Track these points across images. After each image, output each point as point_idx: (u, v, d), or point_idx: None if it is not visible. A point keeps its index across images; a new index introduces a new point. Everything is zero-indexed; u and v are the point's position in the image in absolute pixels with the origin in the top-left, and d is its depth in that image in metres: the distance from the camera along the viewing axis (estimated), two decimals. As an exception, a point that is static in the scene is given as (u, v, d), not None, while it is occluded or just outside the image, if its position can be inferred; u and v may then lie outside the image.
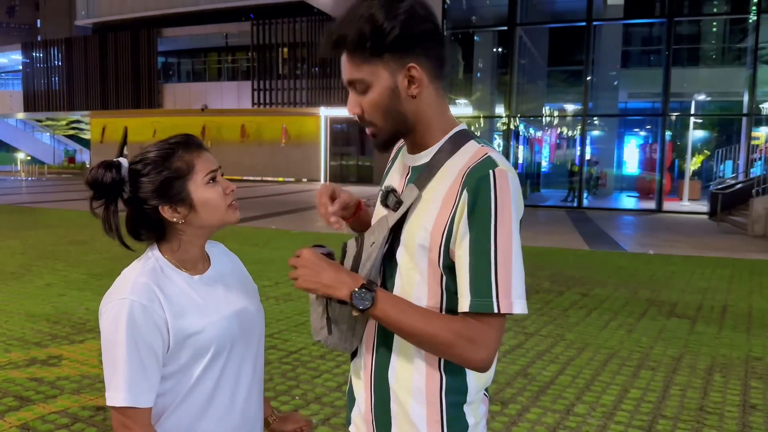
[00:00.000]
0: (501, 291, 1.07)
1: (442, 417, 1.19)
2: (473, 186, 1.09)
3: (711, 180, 20.17)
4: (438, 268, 1.15)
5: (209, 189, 1.26)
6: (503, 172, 1.10)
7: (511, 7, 18.17)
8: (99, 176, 1.22)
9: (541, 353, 4.59)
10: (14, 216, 13.39)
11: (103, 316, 1.19)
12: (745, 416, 3.55)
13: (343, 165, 29.75)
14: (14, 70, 38.85)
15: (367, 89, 1.16)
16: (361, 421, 1.31)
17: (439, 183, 1.16)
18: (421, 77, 1.15)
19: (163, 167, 1.23)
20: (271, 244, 9.60)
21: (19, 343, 4.56)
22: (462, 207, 1.10)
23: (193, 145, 1.27)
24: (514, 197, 1.10)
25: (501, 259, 1.08)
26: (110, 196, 1.23)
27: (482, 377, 1.24)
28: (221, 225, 1.29)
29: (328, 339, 1.26)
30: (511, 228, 1.09)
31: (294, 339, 4.79)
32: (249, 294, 1.39)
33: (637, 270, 8.06)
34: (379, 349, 1.25)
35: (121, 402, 1.15)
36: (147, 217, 1.25)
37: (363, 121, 1.20)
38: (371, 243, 1.22)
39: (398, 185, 1.26)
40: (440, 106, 1.21)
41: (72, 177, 32.00)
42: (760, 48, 16.65)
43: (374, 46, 1.11)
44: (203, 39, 31.04)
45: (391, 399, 1.23)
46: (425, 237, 1.15)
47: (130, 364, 1.15)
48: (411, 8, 1.12)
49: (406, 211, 1.18)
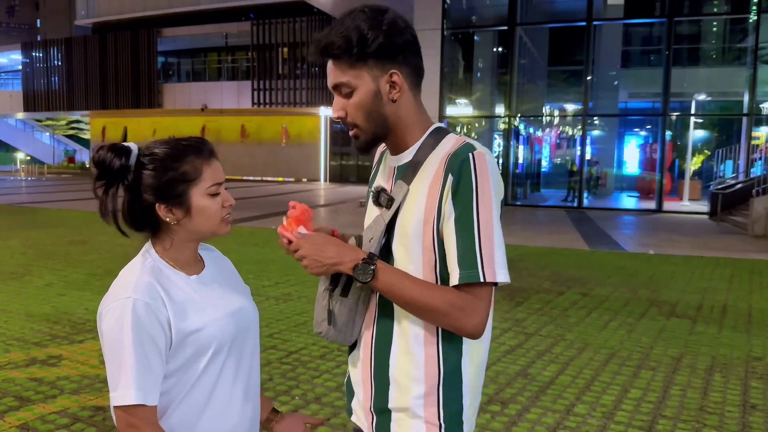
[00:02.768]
0: (485, 262, 1.17)
1: (438, 398, 1.27)
2: (456, 168, 1.19)
3: (711, 180, 20.16)
4: (432, 253, 1.23)
5: (210, 198, 1.26)
6: (481, 155, 1.20)
7: (511, 7, 18.17)
8: (107, 159, 1.21)
9: (541, 353, 4.59)
10: (14, 216, 13.39)
11: (106, 317, 1.19)
12: (746, 416, 3.55)
13: (343, 165, 29.76)
14: (14, 70, 38.87)
15: (351, 92, 1.25)
16: (361, 410, 1.38)
17: (424, 174, 1.25)
18: (401, 83, 1.26)
19: (170, 167, 1.23)
20: (271, 244, 9.59)
21: (19, 343, 4.55)
22: (447, 189, 1.19)
23: (205, 152, 1.27)
24: (493, 177, 1.20)
25: (483, 233, 1.17)
26: (113, 180, 1.23)
27: (476, 356, 1.30)
28: (211, 235, 1.31)
29: (329, 331, 1.33)
30: (491, 204, 1.18)
31: (294, 339, 4.79)
32: (244, 294, 1.40)
33: (637, 270, 8.06)
34: (378, 341, 1.31)
35: (131, 400, 1.15)
36: (142, 209, 1.25)
37: (346, 123, 1.29)
38: (369, 239, 1.31)
39: (387, 185, 1.34)
40: (418, 110, 1.31)
41: (72, 177, 32.00)
42: (760, 48, 16.64)
43: (360, 52, 1.22)
44: (203, 39, 31.05)
45: (390, 388, 1.30)
46: (418, 225, 1.23)
47: (137, 362, 1.15)
48: (393, 20, 1.24)
49: (398, 207, 1.27)
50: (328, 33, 1.24)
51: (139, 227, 1.28)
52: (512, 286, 6.79)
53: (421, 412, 1.27)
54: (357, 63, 1.22)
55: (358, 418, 1.41)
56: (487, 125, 21.02)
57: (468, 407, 1.29)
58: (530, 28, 20.72)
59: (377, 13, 1.23)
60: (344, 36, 1.21)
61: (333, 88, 1.28)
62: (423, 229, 1.22)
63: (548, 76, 24.53)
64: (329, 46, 1.23)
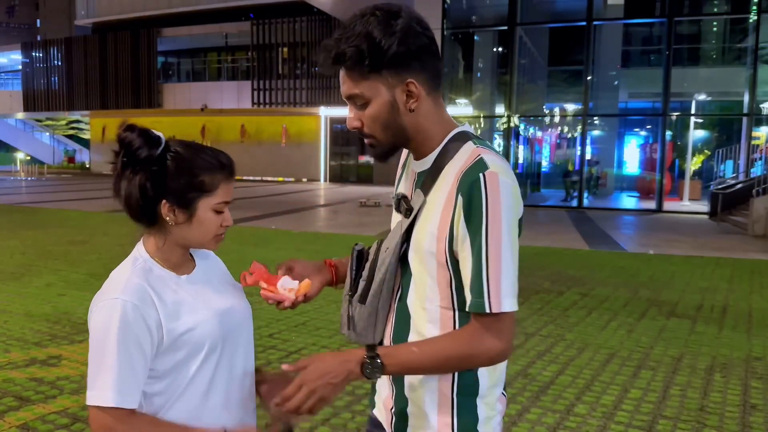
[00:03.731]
0: (492, 291, 1.13)
1: (452, 408, 1.24)
2: (466, 190, 1.14)
3: (711, 180, 20.14)
4: (447, 270, 1.20)
5: (213, 214, 1.27)
6: (493, 175, 1.13)
7: (511, 6, 18.16)
8: (134, 144, 1.20)
9: (541, 353, 4.59)
10: (14, 216, 13.39)
11: (93, 316, 1.19)
12: (746, 416, 3.55)
13: (343, 165, 29.76)
14: (14, 70, 38.87)
15: (366, 104, 1.19)
16: (383, 406, 1.37)
17: (440, 187, 1.20)
18: (419, 92, 1.19)
19: (191, 173, 1.23)
20: (271, 244, 9.59)
21: (19, 343, 4.55)
22: (459, 211, 1.15)
23: (227, 170, 1.28)
24: (505, 198, 1.13)
25: (492, 260, 1.13)
26: (133, 166, 1.21)
27: (494, 372, 1.27)
28: (199, 247, 1.32)
29: (350, 334, 1.34)
30: (501, 228, 1.13)
31: (294, 339, 4.79)
32: (235, 293, 1.40)
33: (637, 270, 8.06)
34: (396, 343, 1.30)
35: (108, 401, 1.14)
36: (147, 200, 1.23)
37: (362, 134, 1.23)
38: (386, 249, 1.29)
39: (408, 191, 1.30)
40: (438, 114, 1.25)
41: (72, 177, 32.00)
42: (760, 48, 16.63)
43: (372, 63, 1.15)
44: (203, 39, 31.04)
45: (406, 390, 1.29)
46: (432, 242, 1.20)
47: (119, 363, 1.15)
48: (407, 25, 1.15)
49: (415, 218, 1.24)
50: (337, 41, 1.16)
51: (137, 217, 1.26)
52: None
53: (434, 422, 1.25)
54: (371, 74, 1.16)
55: (379, 413, 1.40)
56: (487, 125, 21.01)
57: (485, 419, 1.26)
58: (530, 28, 20.70)
59: (390, 16, 1.15)
60: (356, 45, 1.14)
61: (347, 99, 1.22)
62: (437, 245, 1.19)
63: (548, 76, 24.52)
64: (340, 57, 1.16)
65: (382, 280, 1.28)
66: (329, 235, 11.10)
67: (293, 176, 29.81)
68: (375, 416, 1.42)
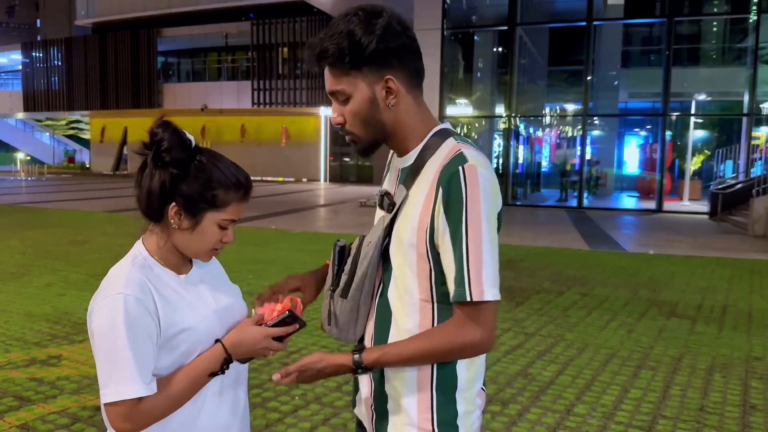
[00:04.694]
0: (473, 281, 1.16)
1: (432, 404, 1.26)
2: (445, 183, 1.17)
3: (711, 180, 20.16)
4: (427, 262, 1.23)
5: (217, 228, 1.28)
6: (472, 167, 1.17)
7: (511, 6, 18.17)
8: (164, 146, 1.20)
9: (542, 353, 4.59)
10: (14, 216, 13.39)
11: (96, 313, 1.19)
12: (746, 416, 3.55)
13: (343, 165, 29.76)
14: (14, 70, 38.86)
15: (347, 100, 1.24)
16: (363, 404, 1.40)
17: (422, 182, 1.24)
18: (398, 88, 1.23)
19: (207, 185, 1.24)
20: (271, 244, 9.59)
21: (19, 343, 4.55)
22: (439, 204, 1.18)
23: (243, 190, 1.29)
24: (484, 191, 1.17)
25: (472, 250, 1.16)
26: (156, 162, 1.22)
27: (473, 366, 1.29)
28: (193, 256, 1.32)
29: (332, 330, 1.36)
30: (480, 220, 1.16)
31: (294, 339, 4.78)
32: (232, 292, 1.41)
33: (637, 270, 8.06)
34: (376, 342, 1.32)
35: (132, 394, 1.15)
36: (159, 198, 1.23)
37: (344, 130, 1.28)
38: (368, 243, 1.31)
39: (392, 187, 1.34)
40: (419, 112, 1.29)
41: (72, 177, 32.00)
42: (760, 48, 16.63)
43: (353, 60, 1.20)
44: (203, 39, 31.04)
45: (386, 386, 1.31)
46: (412, 235, 1.23)
47: (135, 356, 1.15)
48: (387, 24, 1.20)
49: (397, 212, 1.27)
50: (321, 39, 1.22)
51: (146, 211, 1.28)
52: (512, 286, 6.79)
53: (414, 416, 1.27)
54: (351, 70, 1.21)
55: (360, 412, 1.43)
56: (487, 125, 21.02)
57: (464, 413, 1.27)
58: (530, 28, 20.71)
59: (371, 16, 1.20)
60: (337, 43, 1.19)
61: (330, 95, 1.27)
62: (417, 237, 1.22)
63: (548, 76, 24.52)
64: (323, 54, 1.22)
65: (364, 274, 1.30)
66: (329, 235, 11.10)
67: (293, 176, 29.82)
68: (358, 417, 1.45)
